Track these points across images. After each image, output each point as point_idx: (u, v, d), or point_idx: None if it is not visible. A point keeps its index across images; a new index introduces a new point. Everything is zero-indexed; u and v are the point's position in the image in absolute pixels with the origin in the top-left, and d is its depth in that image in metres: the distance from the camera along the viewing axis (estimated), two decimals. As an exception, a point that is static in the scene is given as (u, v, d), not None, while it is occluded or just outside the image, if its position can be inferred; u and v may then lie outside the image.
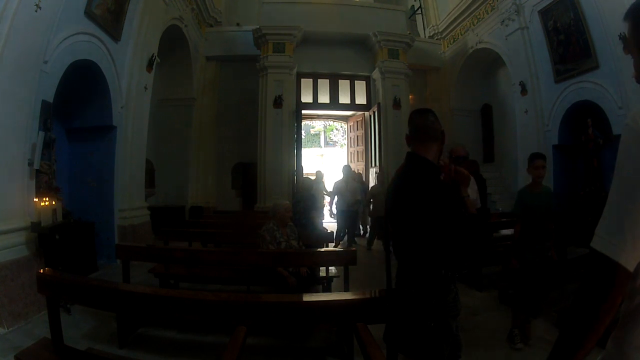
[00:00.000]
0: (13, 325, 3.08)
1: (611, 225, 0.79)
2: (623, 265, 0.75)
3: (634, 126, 0.77)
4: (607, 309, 0.77)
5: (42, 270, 2.36)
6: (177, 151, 8.83)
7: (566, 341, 0.82)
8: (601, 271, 0.78)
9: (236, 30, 9.85)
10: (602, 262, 0.78)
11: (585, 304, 0.80)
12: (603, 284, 0.78)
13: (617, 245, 0.76)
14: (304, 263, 3.39)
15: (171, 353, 2.80)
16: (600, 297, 0.77)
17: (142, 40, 6.01)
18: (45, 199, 3.85)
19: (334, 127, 20.04)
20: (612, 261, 0.76)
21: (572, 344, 0.81)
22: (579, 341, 0.80)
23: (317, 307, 1.99)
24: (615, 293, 0.77)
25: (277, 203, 3.76)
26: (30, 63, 3.61)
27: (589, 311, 0.79)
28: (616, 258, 0.75)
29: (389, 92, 8.96)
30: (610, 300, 0.77)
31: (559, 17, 6.34)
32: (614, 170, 0.82)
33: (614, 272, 0.76)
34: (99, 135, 5.50)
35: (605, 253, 0.77)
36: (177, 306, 2.02)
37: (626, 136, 0.79)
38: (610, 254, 0.76)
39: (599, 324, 0.78)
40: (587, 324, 0.79)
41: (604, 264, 0.77)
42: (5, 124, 3.38)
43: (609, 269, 0.77)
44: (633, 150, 0.77)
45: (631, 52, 0.96)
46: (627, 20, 0.95)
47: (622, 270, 0.75)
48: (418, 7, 11.46)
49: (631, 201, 0.76)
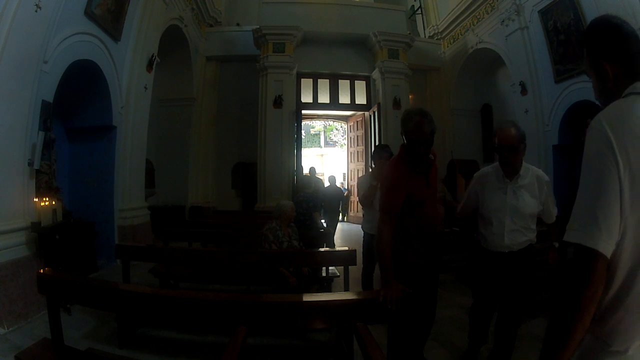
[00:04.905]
0: (13, 325, 3.08)
1: (584, 218, 0.84)
2: (601, 251, 0.80)
3: (601, 128, 0.85)
4: (590, 295, 0.81)
5: (42, 270, 2.35)
6: (177, 151, 8.83)
7: (555, 333, 0.85)
8: (580, 260, 0.83)
9: (236, 30, 9.86)
10: (580, 252, 0.83)
11: (568, 294, 0.84)
12: (583, 271, 0.82)
13: (593, 234, 0.81)
14: (305, 263, 3.39)
15: (171, 353, 2.80)
16: (582, 283, 0.82)
17: (142, 40, 6.02)
18: (45, 199, 3.85)
19: (334, 127, 20.03)
20: (590, 249, 0.81)
21: (561, 335, 0.83)
22: (567, 331, 0.82)
23: (317, 307, 1.98)
24: (596, 278, 0.81)
25: (282, 203, 3.77)
26: (30, 63, 3.61)
27: (572, 300, 0.83)
28: (594, 246, 0.81)
29: (389, 92, 8.97)
30: (592, 286, 0.81)
31: (559, 17, 6.34)
32: (581, 169, 0.89)
33: (592, 259, 0.81)
34: (99, 135, 5.50)
35: (582, 243, 0.82)
36: (177, 306, 2.02)
37: (593, 136, 0.87)
38: (588, 242, 0.82)
39: (583, 311, 0.82)
40: (572, 312, 0.82)
41: (582, 253, 0.83)
42: (5, 124, 3.38)
43: (587, 257, 0.82)
44: (601, 148, 0.84)
45: (589, 75, 1.06)
46: (582, 47, 1.07)
47: (600, 257, 0.81)
48: (418, 7, 11.46)
49: (602, 194, 0.82)
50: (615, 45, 0.97)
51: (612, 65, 0.96)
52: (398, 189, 2.03)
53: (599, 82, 1.01)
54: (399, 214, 2.05)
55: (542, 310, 3.30)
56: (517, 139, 2.14)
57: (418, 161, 2.07)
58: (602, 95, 1.02)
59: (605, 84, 0.99)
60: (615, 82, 0.96)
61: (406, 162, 2.09)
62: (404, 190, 2.03)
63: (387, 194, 2.09)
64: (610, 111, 0.88)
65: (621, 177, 0.81)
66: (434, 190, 2.21)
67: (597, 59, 0.99)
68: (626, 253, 0.82)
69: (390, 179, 2.09)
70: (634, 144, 0.81)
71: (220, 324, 2.03)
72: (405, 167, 2.08)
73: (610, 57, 0.97)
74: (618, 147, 0.82)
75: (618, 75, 0.96)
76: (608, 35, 0.99)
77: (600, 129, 0.85)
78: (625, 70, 0.95)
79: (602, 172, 0.83)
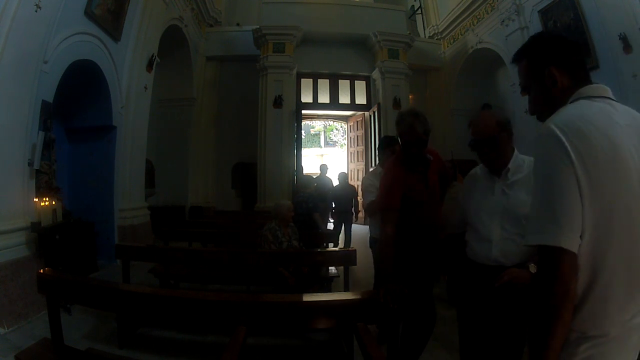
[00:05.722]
0: (13, 325, 3.08)
1: (543, 219, 0.87)
2: (565, 247, 0.83)
3: (551, 132, 0.89)
4: (562, 292, 0.84)
5: (42, 270, 2.35)
6: (177, 151, 8.82)
7: (537, 334, 0.87)
8: (546, 259, 0.86)
9: (236, 30, 9.86)
10: (544, 252, 0.86)
11: (541, 294, 0.86)
12: (550, 270, 0.85)
13: (555, 232, 0.85)
14: (304, 263, 3.39)
15: (171, 353, 2.80)
16: (551, 281, 0.84)
17: (142, 40, 6.01)
18: (45, 199, 3.85)
19: (334, 127, 20.03)
20: (553, 247, 0.84)
21: (543, 336, 0.85)
22: (548, 331, 0.84)
23: (317, 307, 1.99)
24: (564, 273, 0.84)
25: (279, 203, 3.76)
26: (30, 63, 3.61)
27: (546, 299, 0.85)
28: (557, 243, 0.84)
29: (389, 92, 8.97)
30: (562, 282, 0.84)
31: (559, 17, 6.34)
32: (534, 175, 0.93)
33: (557, 256, 0.84)
34: (99, 135, 5.49)
35: (544, 243, 0.86)
36: (177, 306, 2.02)
37: (544, 142, 0.90)
38: (549, 241, 0.85)
39: (559, 308, 0.84)
40: (548, 311, 0.85)
41: (547, 252, 0.86)
42: (5, 124, 3.38)
43: (552, 255, 0.85)
44: (554, 151, 0.88)
45: (528, 89, 1.12)
46: (521, 60, 1.12)
47: (565, 253, 0.84)
48: (418, 7, 11.46)
49: (560, 193, 0.86)
50: (564, 52, 1.04)
51: (560, 71, 1.02)
52: (395, 186, 2.08)
53: (543, 92, 1.06)
54: (399, 214, 2.06)
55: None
56: (495, 128, 1.69)
57: (413, 161, 2.13)
58: (546, 104, 1.07)
59: (550, 93, 1.04)
60: (561, 89, 1.02)
61: (404, 162, 2.15)
62: (401, 188, 2.07)
63: (384, 191, 2.13)
64: (559, 117, 0.93)
65: (578, 174, 0.85)
66: (434, 192, 2.21)
67: (544, 66, 1.04)
68: (589, 245, 0.86)
69: (388, 177, 2.14)
70: (585, 144, 0.86)
71: (220, 324, 2.03)
72: (403, 166, 2.14)
73: (559, 63, 1.03)
74: (571, 148, 0.86)
75: (564, 82, 1.02)
76: (557, 43, 1.06)
77: (551, 134, 0.89)
78: (571, 77, 1.02)
79: (557, 173, 0.86)
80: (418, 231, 2.14)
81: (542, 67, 1.04)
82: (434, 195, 2.21)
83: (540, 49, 1.08)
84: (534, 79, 1.08)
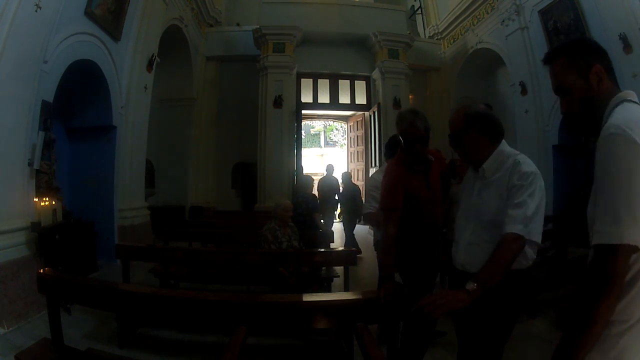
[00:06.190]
0: (13, 325, 3.08)
1: (619, 219, 0.87)
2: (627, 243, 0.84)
3: (623, 133, 0.88)
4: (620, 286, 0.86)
5: (42, 270, 2.35)
6: (177, 151, 8.83)
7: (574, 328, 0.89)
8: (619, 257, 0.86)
9: (236, 30, 9.86)
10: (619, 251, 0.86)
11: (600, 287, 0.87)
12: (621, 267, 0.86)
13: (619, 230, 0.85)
14: (304, 263, 3.39)
15: (171, 353, 2.81)
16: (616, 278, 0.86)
17: (142, 40, 6.01)
18: (45, 199, 3.85)
19: (334, 127, 20.03)
20: (615, 245, 0.85)
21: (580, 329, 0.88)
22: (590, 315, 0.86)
23: (317, 307, 1.99)
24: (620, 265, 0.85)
25: (278, 203, 3.76)
26: (30, 63, 3.61)
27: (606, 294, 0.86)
28: (619, 241, 0.85)
29: (389, 92, 8.97)
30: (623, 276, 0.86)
31: (559, 17, 6.34)
32: (599, 175, 0.93)
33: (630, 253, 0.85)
34: (99, 135, 5.48)
35: (628, 242, 0.85)
36: (177, 306, 2.02)
37: (618, 141, 0.89)
38: (632, 241, 0.85)
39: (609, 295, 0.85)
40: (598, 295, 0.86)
41: (623, 251, 0.86)
42: (5, 124, 3.38)
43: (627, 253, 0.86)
44: (629, 149, 0.87)
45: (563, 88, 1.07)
46: (558, 57, 1.09)
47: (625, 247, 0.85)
48: (418, 7, 11.46)
49: (627, 192, 0.86)
50: (605, 53, 1.04)
51: (604, 70, 1.01)
52: (397, 186, 2.09)
53: (585, 90, 1.03)
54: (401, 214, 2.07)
55: (542, 310, 3.30)
56: (461, 124, 1.56)
57: (416, 159, 2.14)
58: (582, 103, 1.05)
59: (592, 91, 1.02)
60: (605, 89, 1.01)
61: (405, 162, 2.16)
62: (403, 188, 2.09)
63: (386, 191, 2.15)
64: (622, 118, 0.92)
65: None
66: (436, 191, 2.22)
67: (588, 62, 1.02)
68: None
69: (390, 177, 2.16)
70: None
71: (220, 324, 2.03)
72: (404, 166, 2.15)
73: (603, 62, 1.02)
74: None
75: (608, 82, 1.01)
76: (594, 42, 1.06)
77: (623, 134, 0.88)
78: (611, 78, 1.02)
79: (636, 172, 0.86)
80: (419, 231, 2.15)
81: (588, 63, 1.01)
82: (436, 195, 2.22)
83: (584, 46, 1.05)
84: (577, 76, 1.03)
